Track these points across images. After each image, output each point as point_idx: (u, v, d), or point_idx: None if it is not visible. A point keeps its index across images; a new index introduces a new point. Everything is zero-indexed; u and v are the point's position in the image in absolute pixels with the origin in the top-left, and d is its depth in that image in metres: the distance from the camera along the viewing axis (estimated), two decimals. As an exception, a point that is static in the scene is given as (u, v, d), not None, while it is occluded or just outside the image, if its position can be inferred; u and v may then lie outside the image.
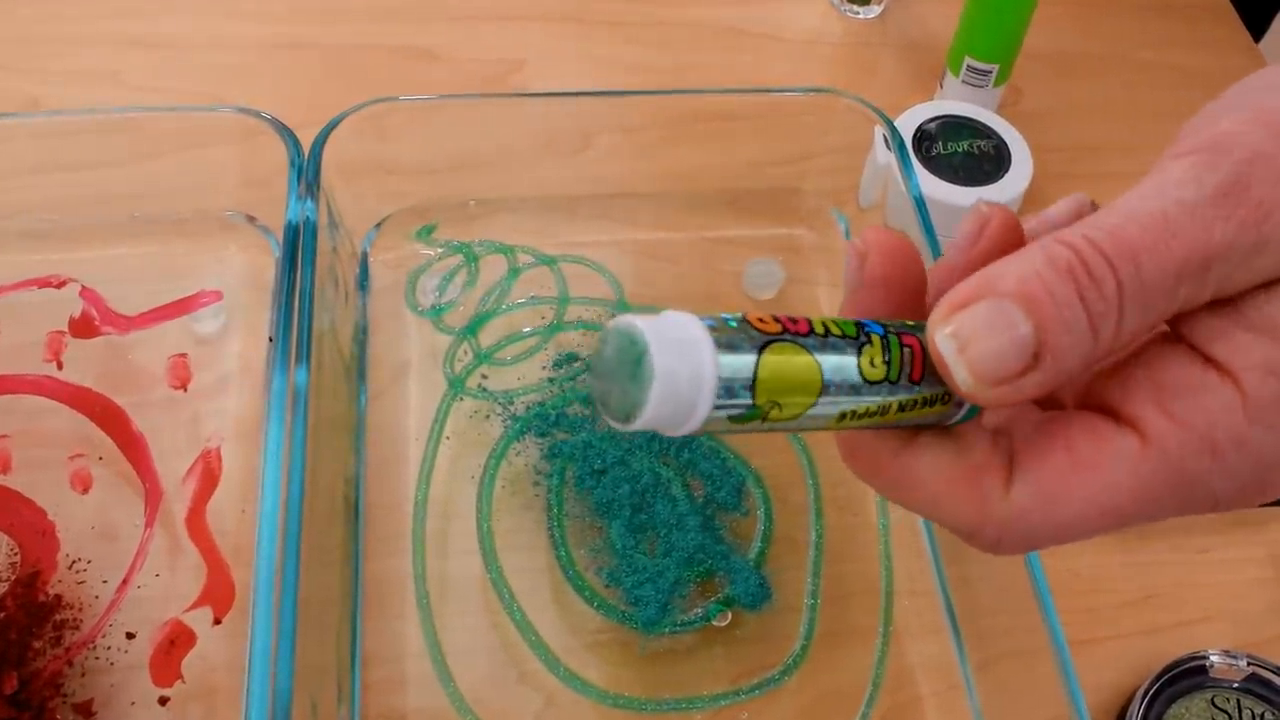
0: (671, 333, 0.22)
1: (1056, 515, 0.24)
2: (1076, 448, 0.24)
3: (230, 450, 0.53)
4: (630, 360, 0.21)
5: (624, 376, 0.22)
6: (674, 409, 0.22)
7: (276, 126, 0.53)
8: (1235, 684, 0.49)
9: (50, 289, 0.57)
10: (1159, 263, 0.22)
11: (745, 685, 0.49)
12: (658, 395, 0.21)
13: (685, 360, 0.21)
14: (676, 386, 0.21)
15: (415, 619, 0.49)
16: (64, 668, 0.46)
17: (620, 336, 0.22)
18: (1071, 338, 0.23)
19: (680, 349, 0.21)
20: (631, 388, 0.22)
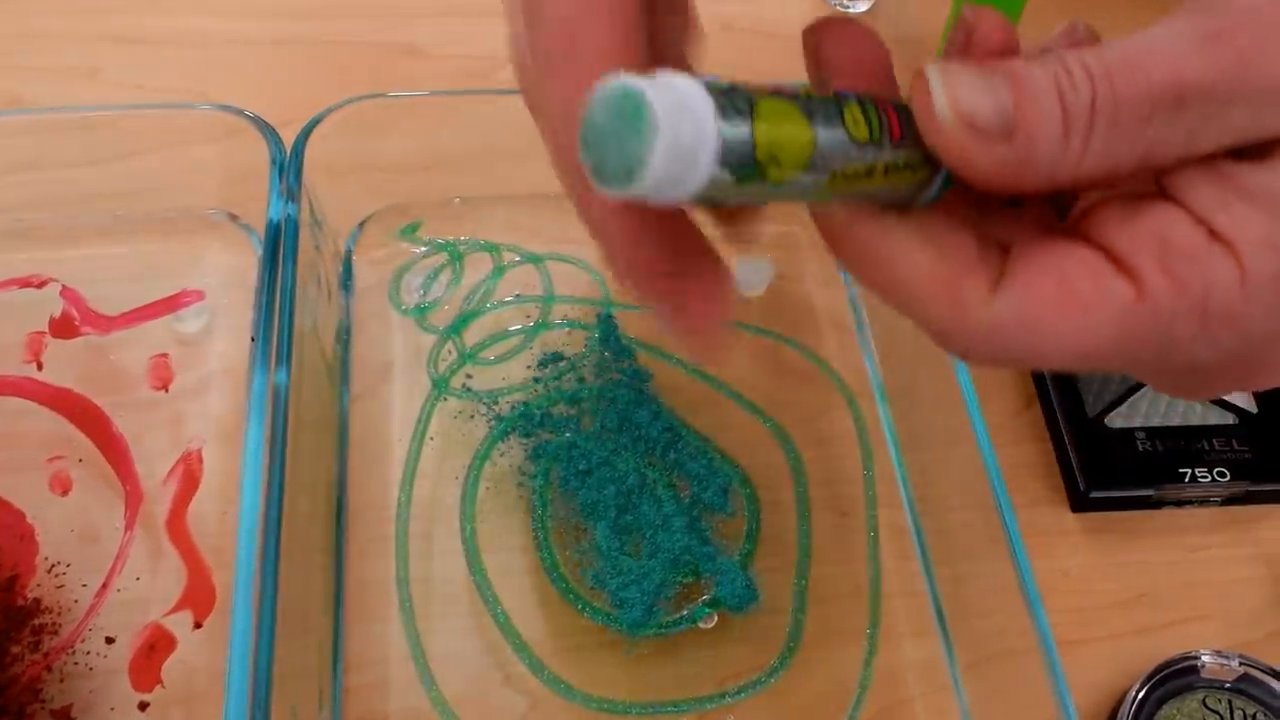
0: (670, 87, 0.21)
1: (1034, 341, 0.24)
2: (1071, 281, 0.24)
3: (212, 452, 0.52)
4: (629, 115, 0.21)
5: (623, 134, 0.21)
6: (677, 164, 0.21)
7: (258, 124, 0.53)
8: (1227, 684, 0.49)
9: (30, 289, 0.56)
10: (1134, 83, 0.23)
11: (732, 688, 0.48)
12: (662, 148, 0.21)
13: (687, 113, 0.21)
14: (680, 139, 0.21)
15: (398, 622, 0.49)
16: (43, 673, 0.46)
17: (616, 94, 0.21)
18: (1045, 128, 0.23)
19: (681, 101, 0.21)
20: (632, 143, 0.21)
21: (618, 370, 0.56)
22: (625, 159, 0.21)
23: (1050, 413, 0.57)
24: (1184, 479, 0.54)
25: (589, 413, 0.54)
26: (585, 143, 0.22)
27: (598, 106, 0.22)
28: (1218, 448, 0.55)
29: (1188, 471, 0.54)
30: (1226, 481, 0.54)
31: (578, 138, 0.22)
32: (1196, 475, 0.54)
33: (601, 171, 0.22)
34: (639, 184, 0.21)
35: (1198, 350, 0.24)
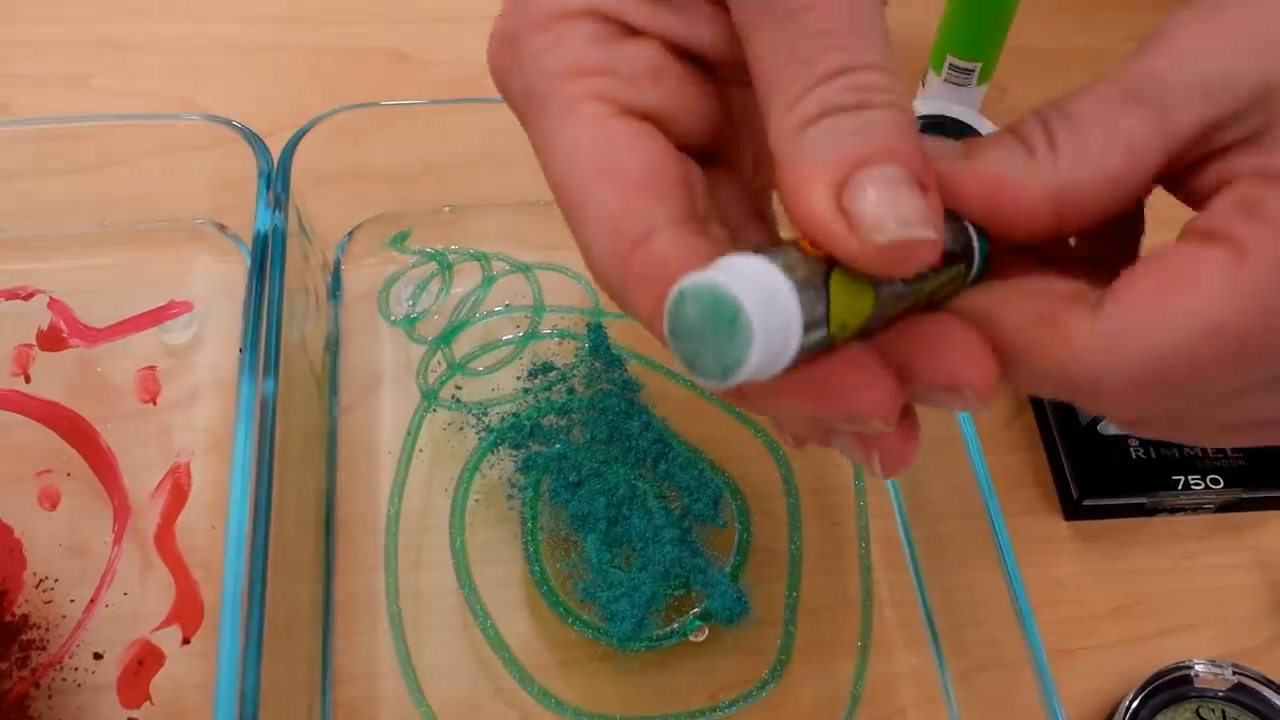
0: (758, 287, 0.21)
1: (1154, 338, 0.23)
2: (1168, 268, 0.23)
3: (200, 465, 0.52)
4: (724, 322, 0.21)
5: (717, 338, 0.21)
6: (769, 361, 0.22)
7: (246, 134, 0.53)
8: (1220, 693, 0.49)
9: (18, 300, 0.56)
10: (1078, 98, 0.25)
11: (724, 700, 0.48)
12: (758, 353, 0.21)
13: (777, 313, 0.21)
14: (772, 341, 0.21)
15: (387, 635, 0.49)
16: (30, 689, 0.46)
17: (706, 298, 0.21)
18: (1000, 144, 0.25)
19: (770, 302, 0.21)
20: (728, 349, 0.21)
21: (608, 380, 0.55)
22: (721, 360, 0.21)
23: (1042, 420, 0.57)
24: (1177, 486, 0.54)
25: (579, 424, 0.54)
26: (675, 335, 0.22)
27: (689, 305, 0.22)
28: (1211, 455, 0.55)
29: (1181, 479, 0.54)
30: (1220, 488, 0.54)
31: (665, 329, 0.22)
32: (1190, 482, 0.54)
33: (695, 366, 0.22)
34: (732, 381, 0.22)
35: None
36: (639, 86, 0.26)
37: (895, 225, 0.22)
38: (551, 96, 0.26)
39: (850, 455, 0.26)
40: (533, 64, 0.27)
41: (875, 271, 0.23)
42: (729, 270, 0.21)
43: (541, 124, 0.27)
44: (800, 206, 0.23)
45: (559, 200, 0.26)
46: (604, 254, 0.25)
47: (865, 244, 0.22)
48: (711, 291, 0.21)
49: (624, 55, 0.27)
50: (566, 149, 0.26)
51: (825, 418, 0.24)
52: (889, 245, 0.22)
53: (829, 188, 0.22)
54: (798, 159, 0.23)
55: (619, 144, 0.26)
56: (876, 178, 0.22)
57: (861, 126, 0.23)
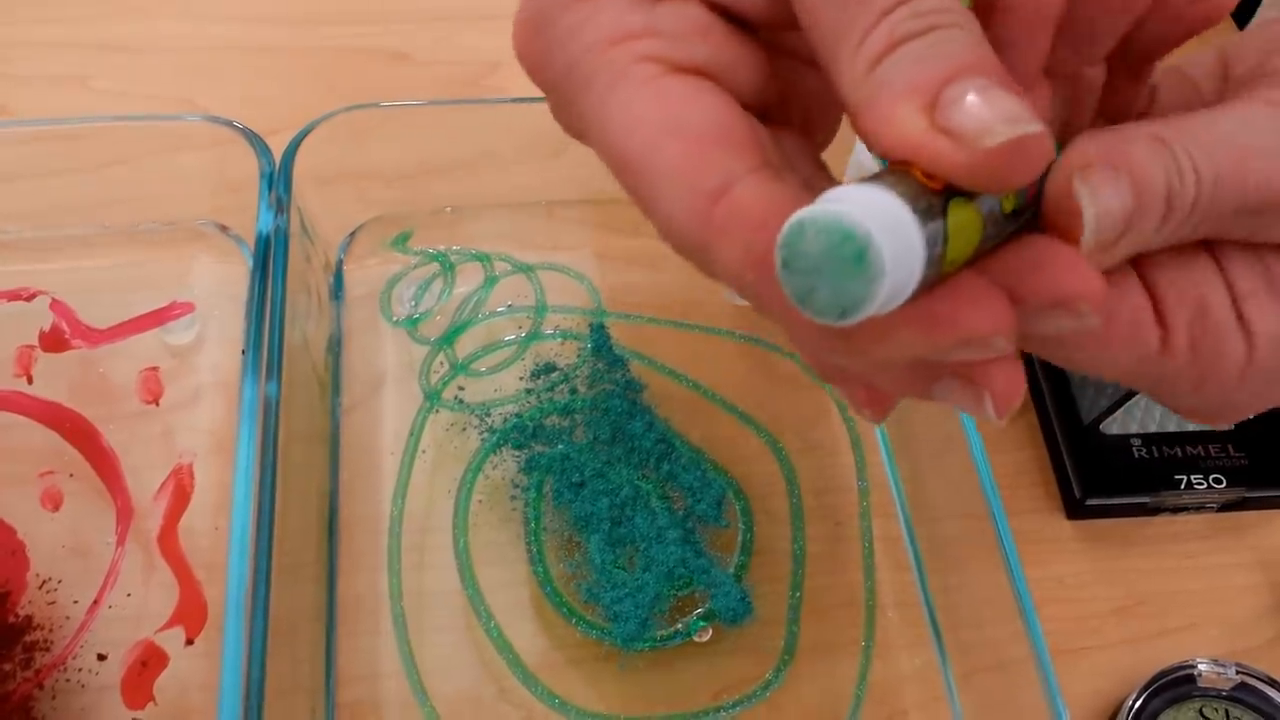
0: (885, 218, 0.20)
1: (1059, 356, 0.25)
2: (1116, 319, 0.25)
3: (203, 465, 0.52)
4: (849, 256, 0.20)
5: (839, 273, 0.20)
6: (892, 297, 0.20)
7: (247, 135, 0.52)
8: (1224, 693, 0.49)
9: (20, 302, 0.56)
10: (1231, 191, 0.24)
11: (727, 701, 0.48)
12: (886, 289, 0.20)
13: (904, 245, 0.20)
14: (898, 276, 0.20)
15: (391, 636, 0.49)
16: (34, 690, 0.46)
17: (831, 230, 0.20)
18: (1149, 222, 0.23)
19: (897, 233, 0.20)
20: (853, 285, 0.20)
21: (611, 381, 0.55)
22: (841, 297, 0.20)
23: (1045, 420, 0.57)
24: (1180, 485, 0.54)
25: (582, 424, 0.54)
26: (790, 269, 0.21)
27: (810, 237, 0.20)
28: (1214, 454, 0.55)
29: (1184, 478, 0.54)
30: (1223, 488, 0.54)
31: (778, 263, 0.21)
32: (1192, 482, 0.54)
33: (810, 303, 0.21)
34: (851, 320, 0.21)
35: (1183, 399, 0.27)
36: (688, 44, 0.25)
37: (1003, 126, 0.21)
38: (598, 68, 0.25)
39: (959, 402, 0.25)
40: (571, 40, 0.26)
41: (993, 182, 0.21)
42: (851, 201, 0.20)
43: (591, 98, 0.25)
44: (897, 138, 0.22)
45: (623, 171, 0.25)
46: (682, 213, 0.24)
47: (977, 152, 0.21)
48: (837, 223, 0.20)
49: (666, 15, 0.26)
50: (624, 115, 0.25)
51: (941, 347, 0.22)
52: (1002, 147, 0.21)
53: (920, 111, 0.21)
54: (878, 94, 0.22)
55: (679, 100, 0.25)
56: (968, 88, 0.21)
57: (934, 47, 0.22)
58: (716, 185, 0.23)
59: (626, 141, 0.24)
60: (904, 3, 0.22)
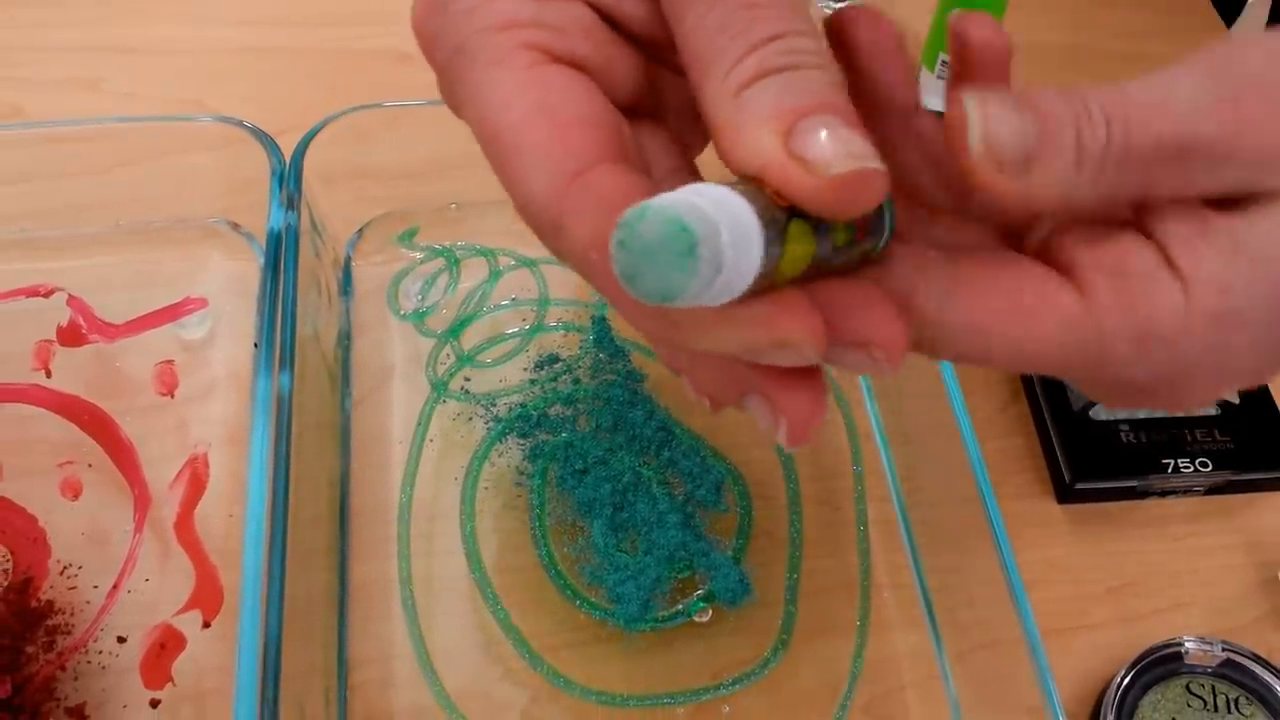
0: (730, 215, 0.21)
1: (983, 346, 0.26)
2: (1019, 294, 0.26)
3: (217, 455, 0.54)
4: (679, 249, 0.21)
5: (667, 263, 0.21)
6: (720, 293, 0.22)
7: (257, 134, 0.54)
8: (1210, 670, 0.50)
9: (38, 298, 0.58)
10: (1145, 131, 0.25)
11: (727, 679, 0.50)
12: (713, 285, 0.21)
13: (742, 245, 0.21)
14: (731, 277, 0.21)
15: (401, 620, 0.50)
16: (57, 672, 0.47)
17: (671, 215, 0.21)
18: (1060, 166, 0.25)
19: (739, 238, 0.21)
20: (676, 276, 0.21)
21: (612, 371, 0.57)
22: (665, 285, 0.21)
23: (1036, 407, 0.59)
24: (1167, 469, 0.55)
25: (585, 413, 0.55)
26: (623, 247, 0.21)
27: (648, 223, 0.21)
28: (1200, 438, 0.56)
29: (1171, 462, 0.55)
30: (1209, 471, 0.55)
31: (613, 242, 0.21)
32: (1179, 466, 0.55)
33: (634, 283, 0.21)
34: (673, 302, 0.21)
35: (1131, 370, 0.26)
36: (569, 38, 0.27)
37: (847, 159, 0.23)
38: (483, 48, 0.27)
39: (761, 418, 0.27)
40: (464, 21, 0.27)
41: (834, 207, 0.23)
42: (703, 196, 0.21)
43: (471, 76, 0.27)
44: (751, 155, 0.23)
45: (492, 145, 0.26)
46: (542, 189, 0.25)
47: (822, 179, 0.23)
48: (676, 215, 0.21)
49: (554, 11, 0.27)
50: (501, 93, 0.26)
51: (755, 345, 0.24)
52: (845, 177, 0.23)
53: (777, 135, 0.23)
54: (741, 115, 0.24)
55: (554, 86, 0.26)
56: (821, 123, 0.23)
57: (798, 82, 0.24)
58: (576, 167, 0.25)
59: (500, 116, 0.26)
60: (775, 39, 0.24)
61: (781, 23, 0.24)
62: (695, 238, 0.21)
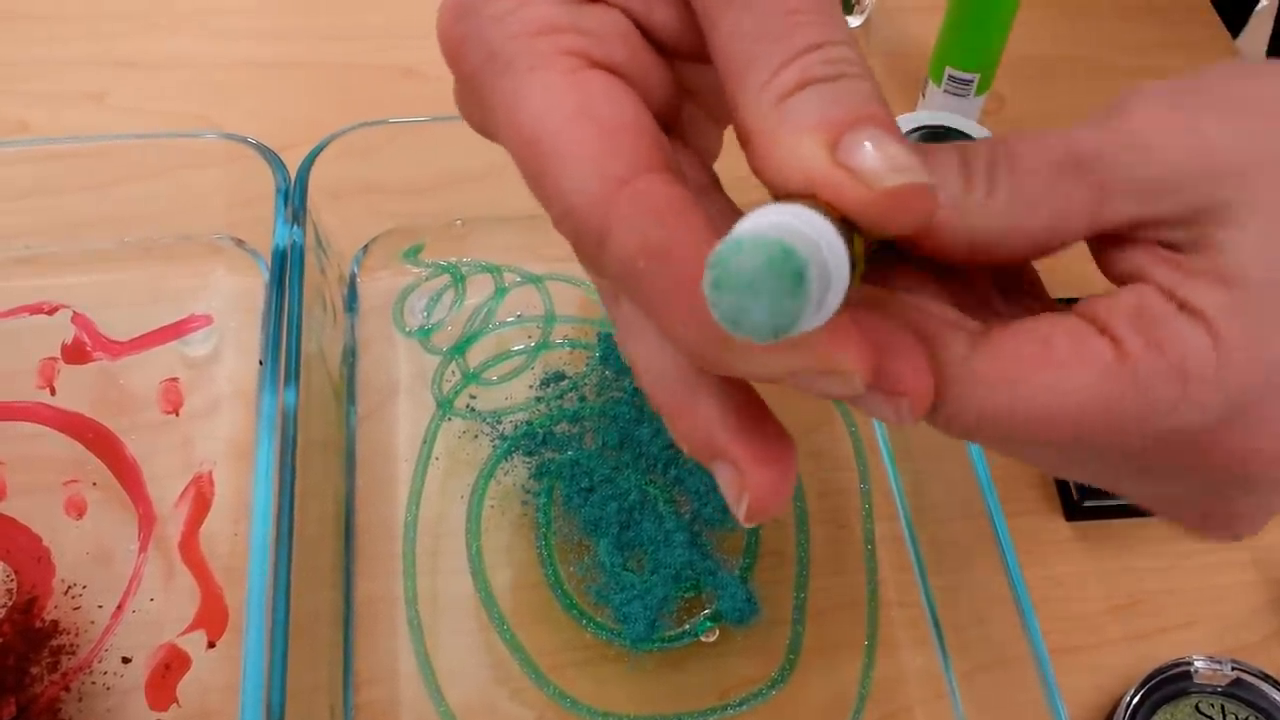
0: (824, 239, 0.20)
1: (1017, 400, 0.24)
2: (1054, 342, 0.24)
3: (222, 473, 0.53)
4: (788, 274, 0.19)
5: (778, 291, 0.20)
6: (817, 320, 0.21)
7: (262, 151, 0.54)
8: (1219, 689, 0.50)
9: (42, 315, 0.57)
10: (1028, 145, 0.25)
11: (734, 699, 0.49)
12: (821, 309, 0.20)
13: (838, 270, 0.21)
14: (830, 300, 0.21)
15: (407, 639, 0.50)
16: (61, 693, 0.47)
17: (772, 247, 0.20)
18: (944, 168, 0.25)
19: (835, 257, 0.21)
20: (789, 303, 0.20)
21: (618, 388, 0.57)
22: (778, 317, 0.20)
23: (1043, 423, 0.58)
24: (1175, 487, 0.55)
25: (591, 431, 0.55)
26: (720, 288, 0.20)
27: (748, 254, 0.20)
28: (1208, 456, 0.56)
29: (1179, 479, 0.55)
30: (1217, 489, 0.55)
31: (707, 282, 0.20)
32: (1187, 483, 0.55)
33: (742, 323, 0.20)
34: (782, 338, 0.20)
35: (1183, 414, 0.24)
36: (609, 44, 0.26)
37: (896, 172, 0.22)
38: (519, 55, 0.26)
39: (726, 486, 0.26)
40: (495, 28, 0.26)
41: (882, 220, 0.22)
42: (788, 216, 0.20)
43: (506, 84, 0.26)
44: (793, 167, 0.23)
45: (528, 150, 0.25)
46: (586, 195, 0.24)
47: (875, 190, 0.22)
48: (778, 240, 0.20)
49: (591, 17, 0.26)
50: (540, 99, 0.25)
51: (805, 371, 0.23)
52: (901, 191, 0.22)
53: (823, 146, 0.23)
54: (783, 124, 0.23)
55: (597, 92, 0.25)
56: (867, 135, 0.23)
57: (843, 93, 0.23)
58: (624, 173, 0.24)
59: (539, 123, 0.25)
60: (818, 48, 0.24)
61: (823, 31, 0.24)
62: (803, 262, 0.20)
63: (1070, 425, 0.24)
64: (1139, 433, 0.24)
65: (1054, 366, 0.24)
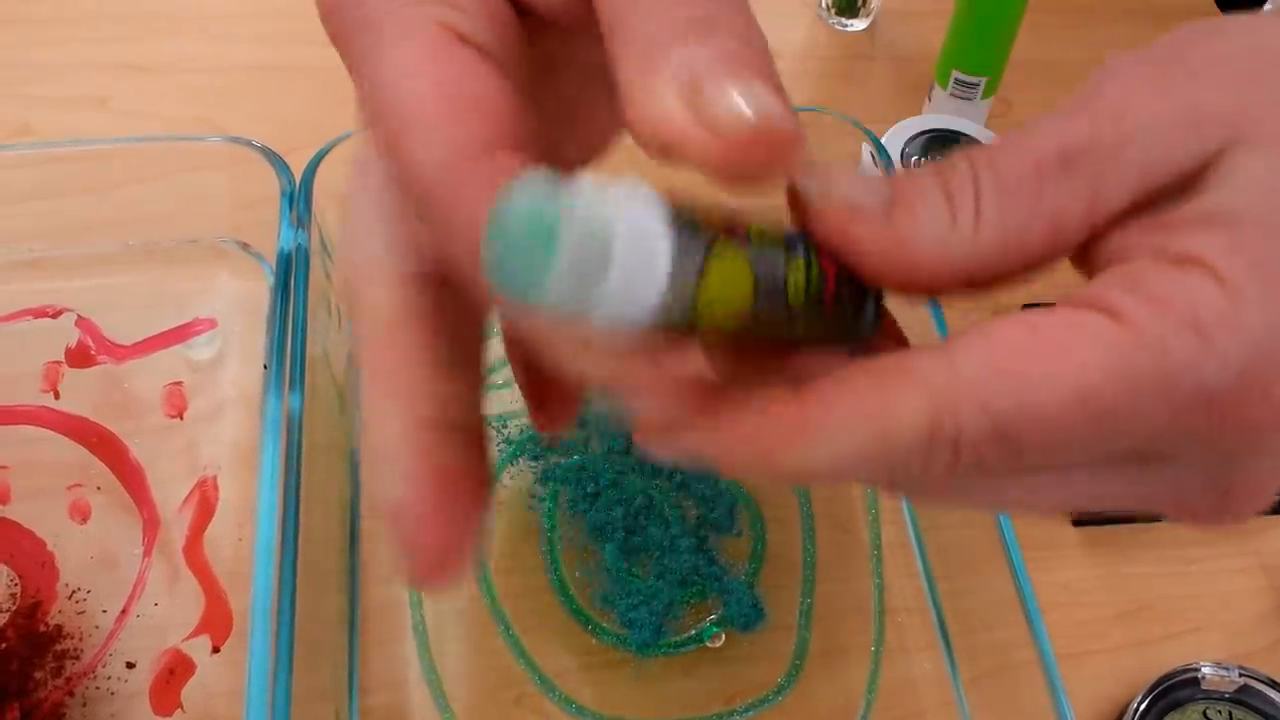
0: (626, 216, 0.19)
1: (1019, 393, 0.21)
2: (1038, 326, 0.22)
3: (227, 478, 0.53)
4: (540, 231, 0.19)
5: (526, 249, 0.19)
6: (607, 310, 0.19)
7: (267, 155, 0.54)
8: (1227, 695, 0.50)
9: (46, 319, 0.57)
10: (1011, 155, 0.23)
11: (740, 705, 0.49)
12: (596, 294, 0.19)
13: (635, 256, 0.19)
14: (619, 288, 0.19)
15: (412, 644, 0.50)
16: (65, 698, 0.47)
17: (535, 197, 0.19)
18: (926, 203, 0.23)
19: (632, 236, 0.19)
20: (534, 265, 0.19)
21: (624, 392, 0.56)
22: (524, 277, 0.19)
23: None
24: (1182, 492, 0.55)
25: (596, 435, 0.55)
26: (491, 229, 0.19)
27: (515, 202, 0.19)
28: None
29: (1186, 484, 0.55)
30: (1224, 494, 0.55)
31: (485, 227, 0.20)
32: (1194, 488, 0.55)
33: (498, 273, 0.19)
34: (536, 302, 0.19)
35: (1207, 370, 0.21)
36: (477, 21, 0.25)
37: (756, 117, 0.21)
38: (389, 21, 0.25)
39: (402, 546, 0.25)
40: None
41: (731, 171, 0.21)
42: (593, 181, 0.19)
43: (373, 49, 0.25)
44: (653, 123, 0.21)
45: (386, 114, 0.24)
46: (438, 163, 0.23)
47: (726, 140, 0.21)
48: (543, 196, 0.19)
49: None
50: (403, 65, 0.24)
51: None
52: (752, 136, 0.20)
53: (680, 93, 0.21)
54: (646, 77, 0.22)
55: (462, 66, 0.24)
56: (733, 77, 0.21)
57: (711, 39, 0.22)
58: (479, 147, 0.23)
59: (402, 84, 0.24)
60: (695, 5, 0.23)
61: None
62: (557, 218, 0.18)
63: (1089, 413, 0.21)
64: (1165, 404, 0.21)
65: (1054, 350, 0.21)
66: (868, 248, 0.23)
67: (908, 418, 0.21)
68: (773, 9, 0.80)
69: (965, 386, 0.21)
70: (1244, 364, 0.21)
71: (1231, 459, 0.23)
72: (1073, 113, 0.24)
